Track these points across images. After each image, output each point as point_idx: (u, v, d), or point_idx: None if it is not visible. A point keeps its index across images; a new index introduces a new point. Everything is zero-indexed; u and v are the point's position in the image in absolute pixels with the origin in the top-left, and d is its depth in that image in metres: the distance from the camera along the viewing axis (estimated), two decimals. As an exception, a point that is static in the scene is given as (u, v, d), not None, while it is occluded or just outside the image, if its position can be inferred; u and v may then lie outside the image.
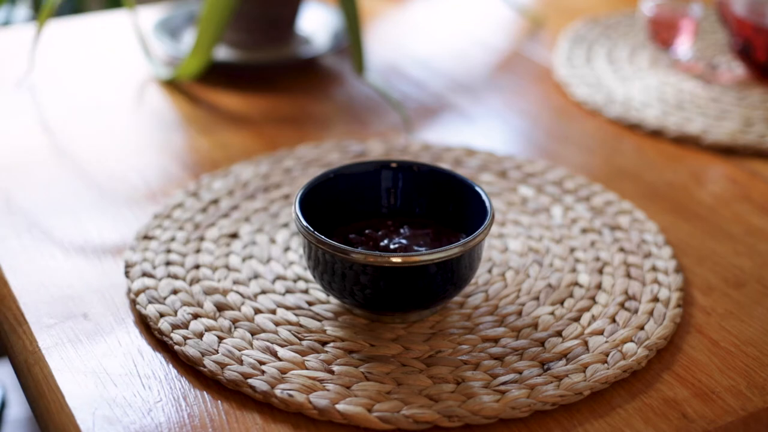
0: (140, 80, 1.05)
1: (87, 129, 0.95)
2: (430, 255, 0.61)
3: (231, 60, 1.06)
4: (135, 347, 0.64)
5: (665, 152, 0.92)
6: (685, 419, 0.59)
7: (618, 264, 0.72)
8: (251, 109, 0.99)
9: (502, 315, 0.67)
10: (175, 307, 0.66)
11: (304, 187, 0.67)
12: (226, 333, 0.64)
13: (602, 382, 0.61)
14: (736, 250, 0.76)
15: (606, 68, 1.08)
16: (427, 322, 0.66)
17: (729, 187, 0.86)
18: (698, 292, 0.71)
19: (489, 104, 1.03)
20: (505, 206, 0.80)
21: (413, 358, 0.62)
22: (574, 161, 0.90)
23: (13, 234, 0.76)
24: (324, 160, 0.86)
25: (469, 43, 1.17)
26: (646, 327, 0.66)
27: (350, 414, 0.58)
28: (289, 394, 0.59)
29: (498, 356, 0.63)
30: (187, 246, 0.73)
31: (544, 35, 1.20)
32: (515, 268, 0.72)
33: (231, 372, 0.60)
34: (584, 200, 0.81)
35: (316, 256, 0.63)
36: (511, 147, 0.94)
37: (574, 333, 0.65)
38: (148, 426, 0.57)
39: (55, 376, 0.61)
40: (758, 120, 0.96)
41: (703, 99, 1.01)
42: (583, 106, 1.01)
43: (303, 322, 0.66)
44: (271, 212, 0.78)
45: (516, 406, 0.58)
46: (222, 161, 0.88)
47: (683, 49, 1.09)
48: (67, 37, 1.16)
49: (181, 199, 0.79)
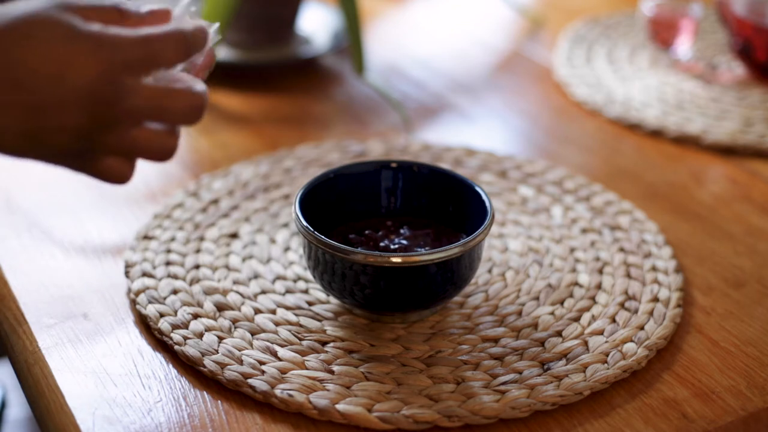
0: (140, 80, 1.05)
1: (87, 129, 0.95)
2: (430, 255, 0.61)
3: (231, 60, 1.06)
4: (135, 347, 0.64)
5: (665, 152, 0.92)
6: (685, 419, 0.59)
7: (618, 264, 0.72)
8: (251, 109, 0.99)
9: (502, 315, 0.67)
10: (175, 307, 0.66)
11: (304, 187, 0.67)
12: (226, 333, 0.64)
13: (602, 382, 0.61)
14: (736, 250, 0.76)
15: (606, 68, 1.08)
16: (427, 322, 0.66)
17: (729, 187, 0.86)
18: (698, 292, 0.71)
19: (489, 104, 1.03)
20: (505, 206, 0.80)
21: (413, 358, 0.62)
22: (574, 161, 0.90)
23: (13, 234, 0.76)
24: (324, 160, 0.86)
25: (469, 43, 1.17)
26: (646, 327, 0.66)
27: (350, 414, 0.58)
28: (289, 394, 0.59)
29: (498, 356, 0.63)
30: (187, 246, 0.73)
31: (544, 35, 1.20)
32: (515, 268, 0.72)
33: (231, 372, 0.60)
34: (584, 200, 0.81)
35: (316, 256, 0.63)
36: (511, 147, 0.94)
37: (574, 333, 0.65)
38: (148, 426, 0.57)
39: (55, 376, 0.61)
40: (758, 120, 0.96)
41: (703, 99, 1.01)
42: (583, 106, 1.01)
43: (303, 322, 0.66)
44: (271, 212, 0.78)
45: (516, 406, 0.58)
46: (222, 161, 0.88)
47: (683, 49, 1.09)
48: (67, 37, 1.16)
49: (181, 199, 0.79)
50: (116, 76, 0.50)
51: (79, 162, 0.53)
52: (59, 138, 0.50)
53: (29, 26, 0.49)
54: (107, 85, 0.49)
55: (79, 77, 0.49)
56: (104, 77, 0.49)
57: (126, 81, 0.50)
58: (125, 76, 0.50)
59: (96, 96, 0.49)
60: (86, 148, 0.52)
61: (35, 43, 0.48)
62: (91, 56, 0.49)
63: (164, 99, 0.52)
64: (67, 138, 0.50)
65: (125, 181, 0.54)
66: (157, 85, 0.52)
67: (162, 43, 0.52)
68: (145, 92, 0.51)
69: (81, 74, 0.49)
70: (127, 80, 0.50)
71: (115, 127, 0.51)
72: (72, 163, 0.53)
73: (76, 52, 0.49)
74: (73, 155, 0.52)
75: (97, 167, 0.53)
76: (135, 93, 0.51)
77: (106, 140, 0.51)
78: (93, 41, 0.49)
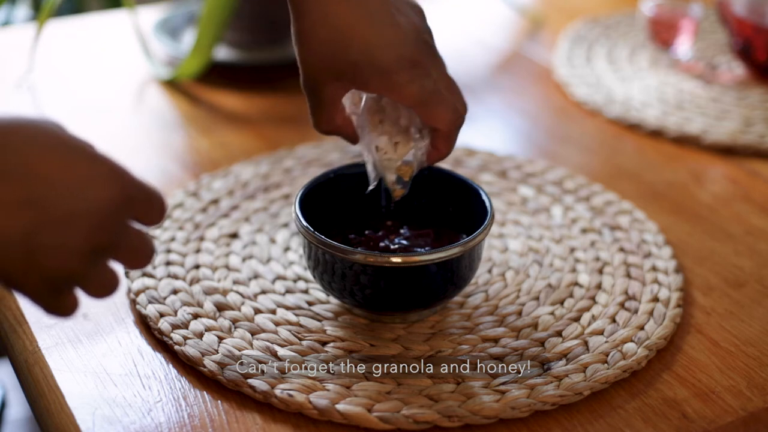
0: (140, 80, 1.05)
1: (87, 129, 0.95)
2: (430, 255, 0.61)
3: (231, 60, 1.06)
4: (135, 347, 0.64)
5: (665, 152, 0.92)
6: (685, 419, 0.59)
7: (618, 264, 0.72)
8: (251, 109, 0.99)
9: (502, 315, 0.67)
10: (175, 307, 0.66)
11: (304, 187, 0.67)
12: (226, 333, 0.64)
13: (602, 382, 0.61)
14: (736, 250, 0.76)
15: (606, 68, 1.08)
16: (427, 322, 0.66)
17: (729, 187, 0.86)
18: (698, 292, 0.71)
19: (489, 104, 1.03)
20: (505, 206, 0.80)
21: (413, 358, 0.62)
22: (574, 161, 0.90)
23: (13, 234, 0.76)
24: (324, 160, 0.86)
25: (469, 43, 1.17)
26: (646, 327, 0.65)
27: (350, 414, 0.58)
28: (289, 394, 0.59)
29: (498, 356, 0.63)
30: (187, 246, 0.73)
31: (544, 35, 1.20)
32: (515, 268, 0.72)
33: (231, 372, 0.60)
34: (584, 200, 0.81)
35: (316, 256, 0.63)
36: (511, 147, 0.94)
37: (574, 333, 0.65)
38: (148, 426, 0.57)
39: (55, 376, 0.61)
40: (758, 120, 0.96)
41: (703, 99, 1.01)
42: (583, 106, 1.01)
43: (303, 322, 0.66)
44: (271, 212, 0.78)
45: (516, 406, 0.58)
46: (222, 161, 0.88)
47: (683, 49, 1.09)
48: (67, 37, 1.16)
49: (181, 199, 0.79)
50: (121, 208, 0.49)
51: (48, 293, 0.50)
52: (53, 259, 0.47)
53: (40, 132, 0.48)
54: (114, 213, 0.49)
55: (97, 197, 0.48)
56: (114, 204, 0.49)
57: (125, 216, 0.50)
58: (127, 210, 0.50)
59: (102, 220, 0.48)
60: (68, 277, 0.49)
61: (51, 151, 0.47)
62: (107, 180, 0.48)
63: (144, 244, 0.52)
64: (60, 261, 0.48)
65: (71, 314, 0.52)
66: (139, 230, 0.52)
67: (157, 201, 0.52)
68: (133, 231, 0.51)
69: (99, 195, 0.48)
70: (125, 215, 0.50)
71: (99, 258, 0.50)
72: (38, 291, 0.50)
73: (97, 173, 0.48)
74: (48, 284, 0.49)
75: (60, 302, 0.50)
76: (126, 230, 0.50)
77: (87, 271, 0.49)
78: (109, 167, 0.49)
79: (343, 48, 0.59)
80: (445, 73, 0.63)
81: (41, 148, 0.47)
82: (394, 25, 0.59)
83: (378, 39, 0.59)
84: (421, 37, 0.61)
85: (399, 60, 0.59)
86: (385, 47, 0.59)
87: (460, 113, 0.62)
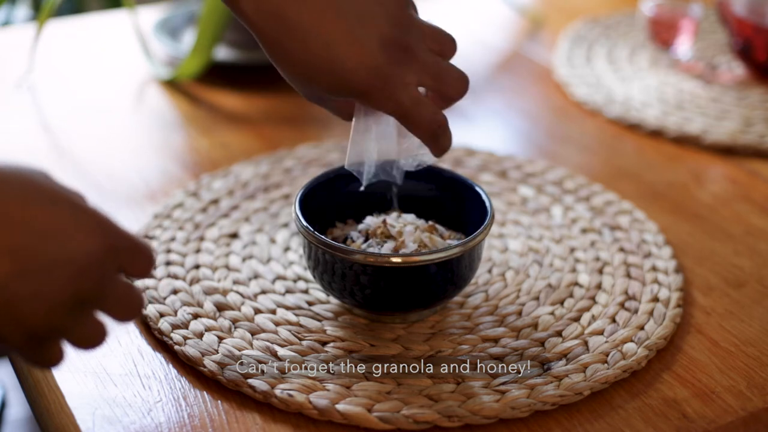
0: (140, 80, 1.05)
1: (87, 129, 0.95)
2: (430, 255, 0.61)
3: (231, 60, 1.06)
4: (135, 347, 0.64)
5: (665, 152, 0.92)
6: (685, 419, 0.59)
7: (618, 264, 0.72)
8: (251, 109, 0.99)
9: (502, 315, 0.67)
10: (175, 307, 0.66)
11: (304, 187, 0.67)
12: (226, 333, 0.64)
13: (602, 382, 0.61)
14: (736, 250, 0.76)
15: (606, 68, 1.08)
16: (427, 322, 0.66)
17: (729, 187, 0.86)
18: (698, 292, 0.71)
19: (489, 104, 1.03)
20: (505, 206, 0.80)
21: (413, 358, 0.62)
22: (574, 161, 0.90)
23: (13, 234, 0.76)
24: (324, 160, 0.86)
25: (469, 43, 1.17)
26: (646, 327, 0.65)
27: (350, 414, 0.58)
28: (289, 394, 0.59)
29: (498, 356, 0.63)
30: (187, 246, 0.73)
31: (544, 35, 1.20)
32: (515, 268, 0.72)
33: (231, 372, 0.60)
34: (584, 200, 0.81)
35: (316, 256, 0.63)
36: (511, 147, 0.94)
37: (574, 333, 0.65)
38: (148, 426, 0.57)
39: (55, 376, 0.61)
40: (758, 120, 0.96)
41: (703, 99, 1.01)
42: (583, 106, 1.01)
43: (303, 322, 0.66)
44: (271, 212, 0.78)
45: (516, 406, 0.58)
46: (222, 161, 0.88)
47: (683, 49, 1.09)
48: (67, 37, 1.16)
49: (181, 199, 0.79)
50: (106, 258, 0.48)
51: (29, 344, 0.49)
52: (32, 308, 0.46)
53: (25, 181, 0.47)
54: (96, 263, 0.48)
55: (79, 246, 0.47)
56: (97, 254, 0.47)
57: (110, 266, 0.49)
58: (111, 261, 0.49)
59: (83, 269, 0.47)
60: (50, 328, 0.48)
61: (34, 200, 0.47)
62: (91, 230, 0.47)
63: (132, 296, 0.50)
64: (39, 311, 0.46)
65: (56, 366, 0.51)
66: (126, 281, 0.51)
67: (144, 252, 0.50)
68: (120, 283, 0.50)
69: (80, 244, 0.47)
70: (110, 266, 0.49)
71: (83, 310, 0.49)
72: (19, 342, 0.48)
73: (80, 222, 0.47)
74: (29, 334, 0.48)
75: (42, 354, 0.49)
76: (112, 281, 0.49)
77: (69, 322, 0.48)
78: (94, 217, 0.48)
79: (315, 78, 0.57)
80: (428, 61, 0.59)
81: (24, 197, 0.46)
82: (353, 43, 0.56)
83: (342, 64, 0.56)
84: (386, 39, 0.57)
85: (369, 79, 0.57)
86: (351, 71, 0.56)
87: (441, 122, 0.60)
